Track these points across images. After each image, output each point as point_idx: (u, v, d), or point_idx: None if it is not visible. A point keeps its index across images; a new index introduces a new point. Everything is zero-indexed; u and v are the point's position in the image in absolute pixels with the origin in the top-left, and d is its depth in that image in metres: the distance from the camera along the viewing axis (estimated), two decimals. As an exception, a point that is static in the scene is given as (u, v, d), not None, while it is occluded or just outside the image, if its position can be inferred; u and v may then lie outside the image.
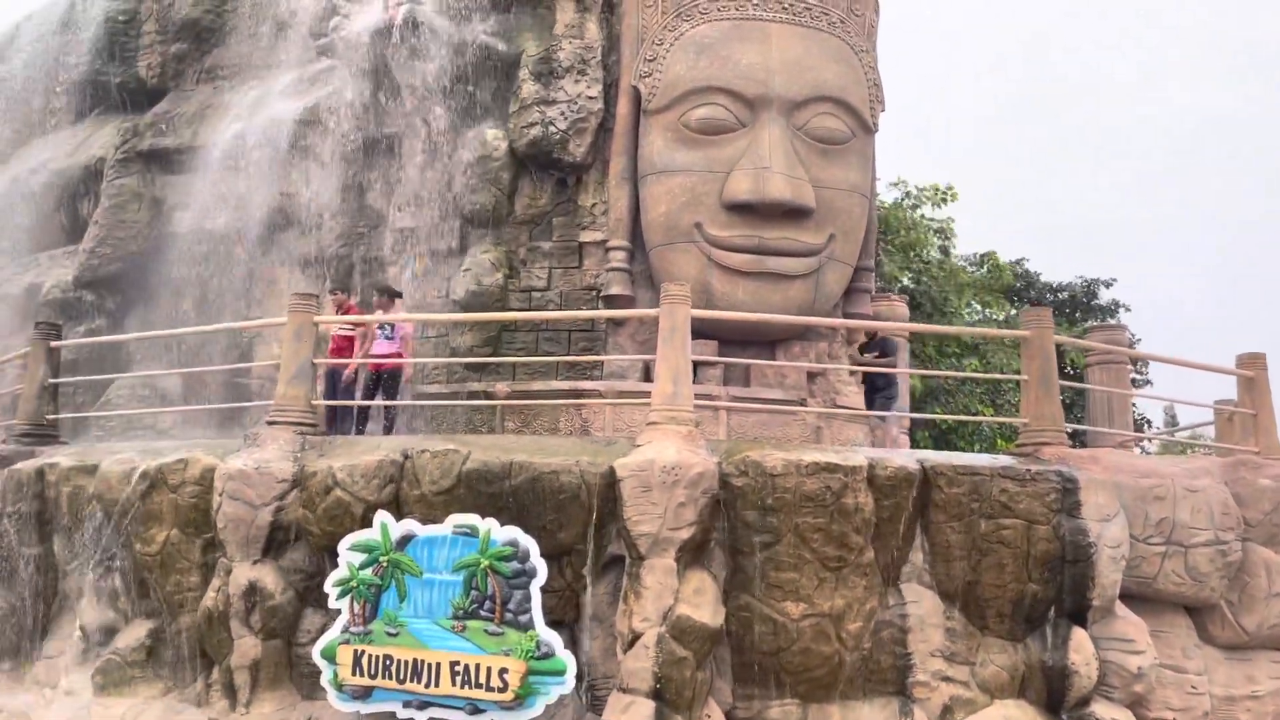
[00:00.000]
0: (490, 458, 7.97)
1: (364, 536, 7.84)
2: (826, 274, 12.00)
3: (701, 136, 11.79)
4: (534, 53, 12.72)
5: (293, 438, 8.55)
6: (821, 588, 7.77)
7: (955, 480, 8.07)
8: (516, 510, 7.82)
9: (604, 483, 7.80)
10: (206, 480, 8.35)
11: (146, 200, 14.98)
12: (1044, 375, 8.88)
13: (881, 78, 12.59)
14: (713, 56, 11.78)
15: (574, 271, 12.76)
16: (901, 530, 8.07)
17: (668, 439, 7.92)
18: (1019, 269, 26.75)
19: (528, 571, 7.61)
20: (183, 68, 15.52)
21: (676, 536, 7.56)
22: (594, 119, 12.53)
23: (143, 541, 8.53)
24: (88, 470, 9.04)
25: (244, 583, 8.02)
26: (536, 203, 12.90)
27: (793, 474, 7.69)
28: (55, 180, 15.90)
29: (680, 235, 11.84)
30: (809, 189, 11.62)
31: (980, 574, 8.17)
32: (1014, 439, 9.49)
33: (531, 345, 12.55)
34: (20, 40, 17.68)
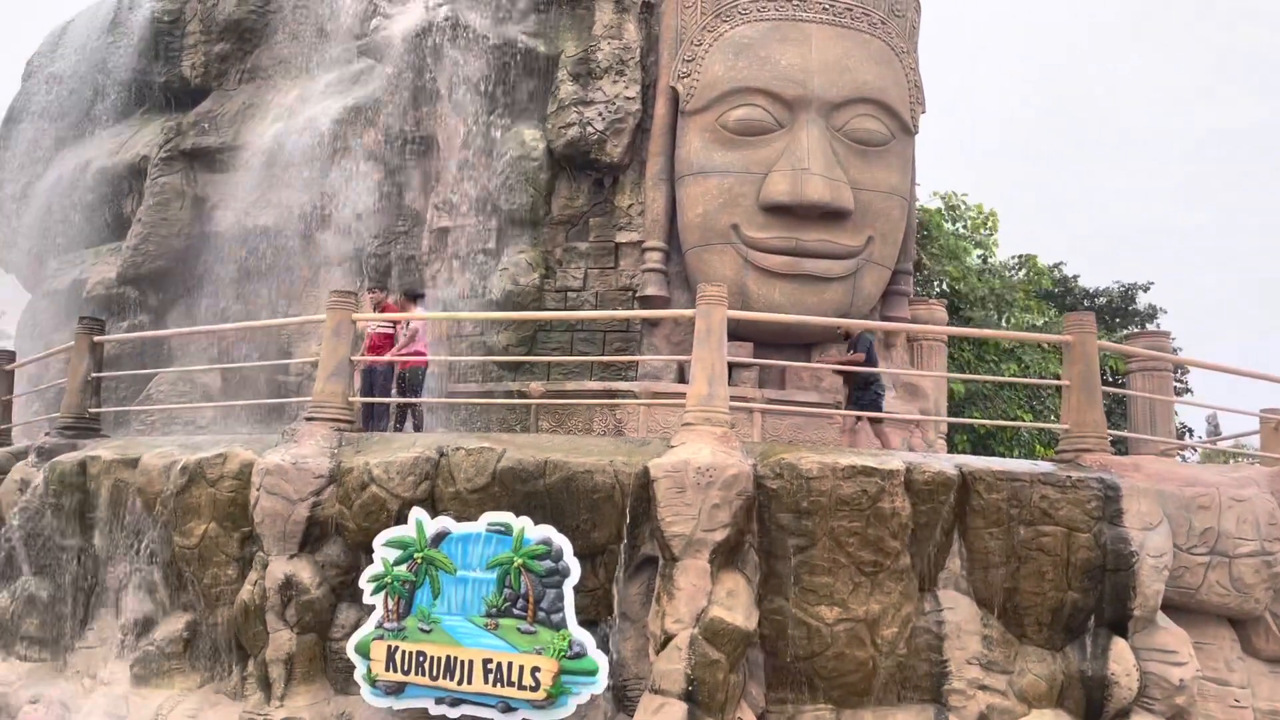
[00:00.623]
0: (525, 456, 7.97)
1: (399, 533, 7.87)
2: (864, 277, 11.91)
3: (739, 137, 11.75)
4: (572, 53, 12.75)
5: (330, 434, 8.60)
6: (857, 592, 7.69)
7: (994, 486, 7.96)
8: (550, 509, 7.81)
9: (638, 483, 7.77)
10: (245, 475, 8.42)
11: (189, 198, 15.19)
12: (1086, 380, 8.74)
13: (922, 79, 12.48)
14: (752, 57, 11.73)
15: (610, 272, 12.76)
16: (939, 536, 7.97)
17: (702, 440, 7.87)
18: (1057, 274, 26.48)
19: (561, 571, 7.60)
20: (226, 67, 15.72)
21: (710, 538, 7.52)
22: (632, 120, 12.54)
23: (181, 534, 8.62)
24: (129, 463, 9.15)
25: (280, 577, 8.08)
26: (573, 203, 12.93)
27: (828, 477, 7.62)
28: (100, 178, 16.17)
29: (717, 236, 11.81)
30: (847, 191, 11.54)
31: (1019, 581, 8.05)
32: (1054, 445, 9.34)
33: (566, 345, 12.57)
34: (68, 41, 18.00)
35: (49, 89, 17.99)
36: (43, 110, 18.03)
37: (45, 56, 18.51)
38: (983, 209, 23.02)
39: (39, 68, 18.55)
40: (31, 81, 18.65)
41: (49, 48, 18.52)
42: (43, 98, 18.13)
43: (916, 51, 12.62)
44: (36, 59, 18.78)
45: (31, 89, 18.54)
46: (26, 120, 18.34)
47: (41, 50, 18.77)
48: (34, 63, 18.82)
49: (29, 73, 18.87)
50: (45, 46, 18.69)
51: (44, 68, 18.34)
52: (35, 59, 18.82)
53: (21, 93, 18.88)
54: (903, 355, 13.37)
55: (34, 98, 18.32)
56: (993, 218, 23.03)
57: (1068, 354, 8.95)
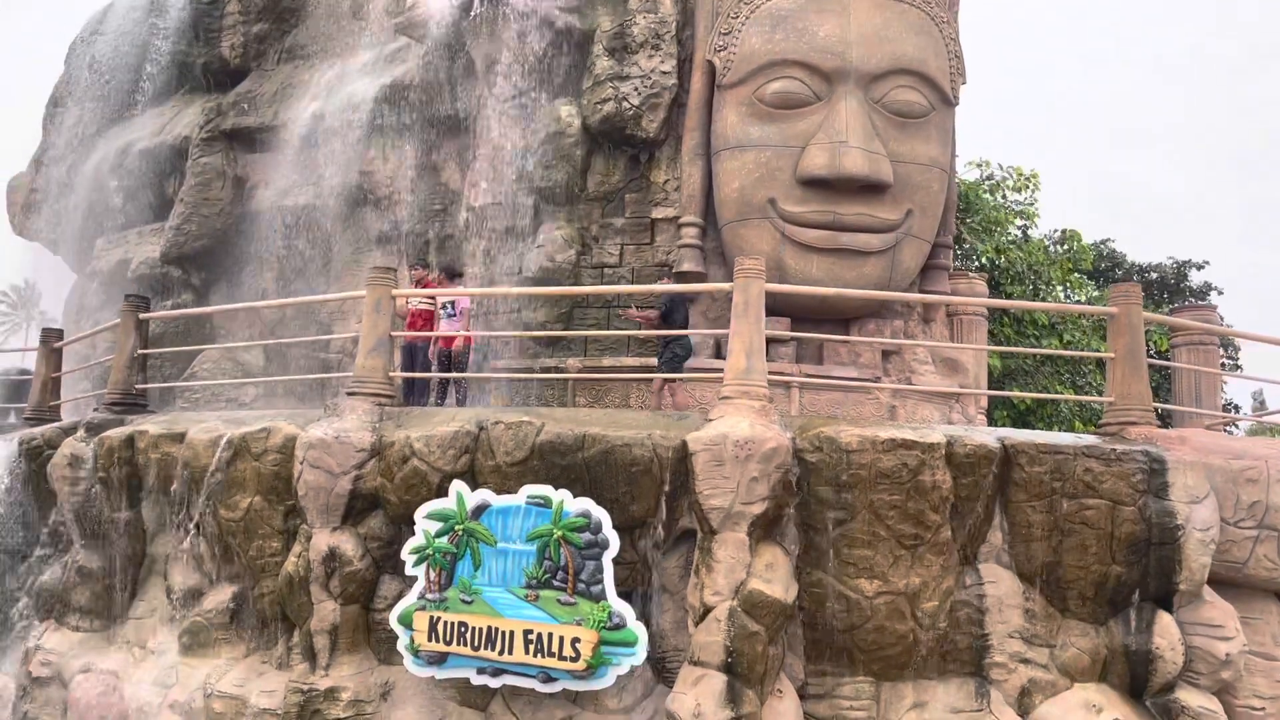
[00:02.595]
0: (563, 430, 8.00)
1: (440, 505, 7.95)
2: (903, 250, 11.78)
3: (776, 111, 11.63)
4: (608, 28, 12.68)
5: (371, 408, 8.69)
6: (897, 565, 7.67)
7: (1037, 459, 7.88)
8: (589, 482, 7.85)
9: (676, 456, 7.79)
10: (288, 449, 8.54)
11: (229, 178, 15.36)
12: (1131, 352, 8.61)
13: (963, 49, 12.28)
14: (789, 29, 11.60)
15: (646, 248, 12.73)
16: (980, 509, 7.91)
17: (741, 414, 7.86)
18: (1104, 249, 25.94)
19: (600, 543, 7.65)
20: (264, 48, 15.83)
21: (749, 511, 7.52)
22: (668, 94, 12.46)
23: (227, 507, 8.77)
24: (175, 438, 9.31)
25: (324, 549, 8.19)
26: (609, 179, 12.89)
27: (868, 450, 7.59)
28: (143, 160, 16.38)
29: (754, 211, 11.73)
30: (886, 164, 11.40)
31: (1062, 555, 7.98)
32: (1095, 422, 9.22)
33: (603, 321, 12.57)
34: (109, 23, 18.20)
35: (91, 72, 18.23)
36: (85, 93, 18.29)
37: (87, 39, 18.75)
38: (1022, 171, 22.23)
39: (81, 51, 18.80)
40: (74, 65, 18.92)
41: (90, 31, 18.75)
42: (85, 81, 18.38)
43: (957, 21, 12.40)
44: (78, 42, 19.03)
45: (74, 72, 18.81)
46: (70, 104, 18.62)
47: (83, 33, 19.01)
48: (76, 46, 19.08)
49: (71, 56, 19.14)
50: (86, 30, 18.93)
51: (86, 51, 18.58)
52: (77, 42, 19.07)
53: (64, 76, 19.16)
54: (942, 330, 13.22)
55: (77, 81, 18.59)
56: (1034, 179, 22.21)
57: (1112, 326, 8.82)
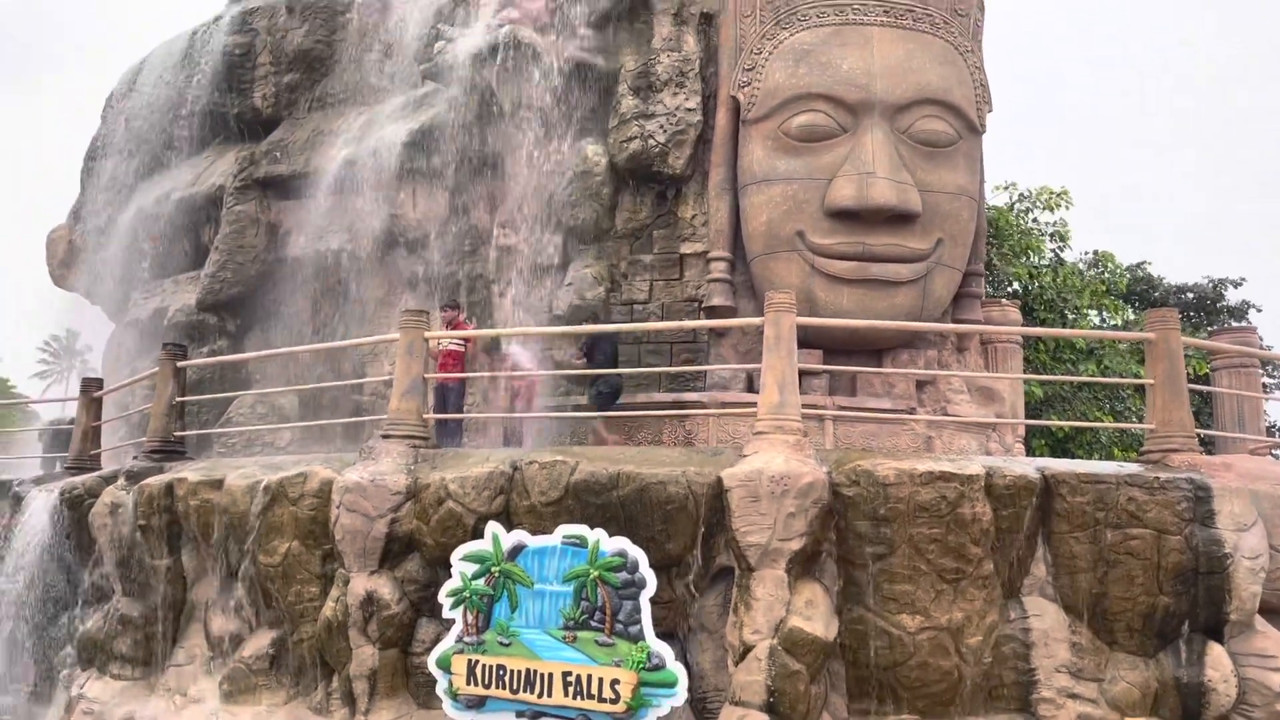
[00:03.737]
0: (597, 468, 7.99)
1: (476, 547, 7.95)
2: (934, 280, 11.73)
3: (802, 144, 11.67)
4: (632, 67, 12.82)
5: (406, 450, 8.72)
6: (939, 600, 7.55)
7: (1079, 489, 7.76)
8: (624, 521, 7.82)
9: (711, 493, 7.75)
10: (325, 493, 8.58)
11: (263, 225, 15.59)
12: (1171, 378, 8.48)
13: (988, 78, 12.27)
14: (812, 63, 11.66)
15: (675, 283, 12.77)
16: (1022, 541, 7.79)
17: (775, 448, 7.81)
18: (1139, 272, 25.61)
19: (637, 582, 7.60)
20: (295, 96, 16.11)
21: (786, 547, 7.45)
22: (693, 131, 12.55)
23: (265, 553, 8.81)
24: (214, 485, 9.39)
25: (361, 593, 8.20)
26: (637, 216, 12.97)
27: (906, 483, 7.51)
28: (178, 209, 16.66)
29: (782, 244, 11.74)
30: (914, 193, 11.39)
31: (1107, 586, 7.83)
32: (1134, 448, 9.08)
33: (634, 358, 12.59)
34: (145, 76, 18.61)
35: (127, 125, 18.64)
36: (122, 146, 18.68)
37: (123, 93, 19.17)
38: (1051, 189, 21.93)
39: (117, 105, 19.22)
40: (110, 119, 19.34)
41: (126, 85, 19.17)
42: (122, 133, 18.78)
43: (981, 50, 12.42)
44: (115, 97, 19.46)
45: (111, 125, 19.22)
46: (108, 156, 19.01)
47: (119, 87, 19.44)
48: (112, 101, 19.50)
49: (108, 111, 19.57)
50: (123, 84, 19.36)
51: (122, 105, 19.00)
52: (114, 97, 19.51)
53: (101, 130, 19.58)
54: (977, 358, 13.10)
55: (114, 133, 18.98)
56: (1064, 196, 21.90)
57: (1150, 352, 8.70)
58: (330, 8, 15.87)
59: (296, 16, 15.96)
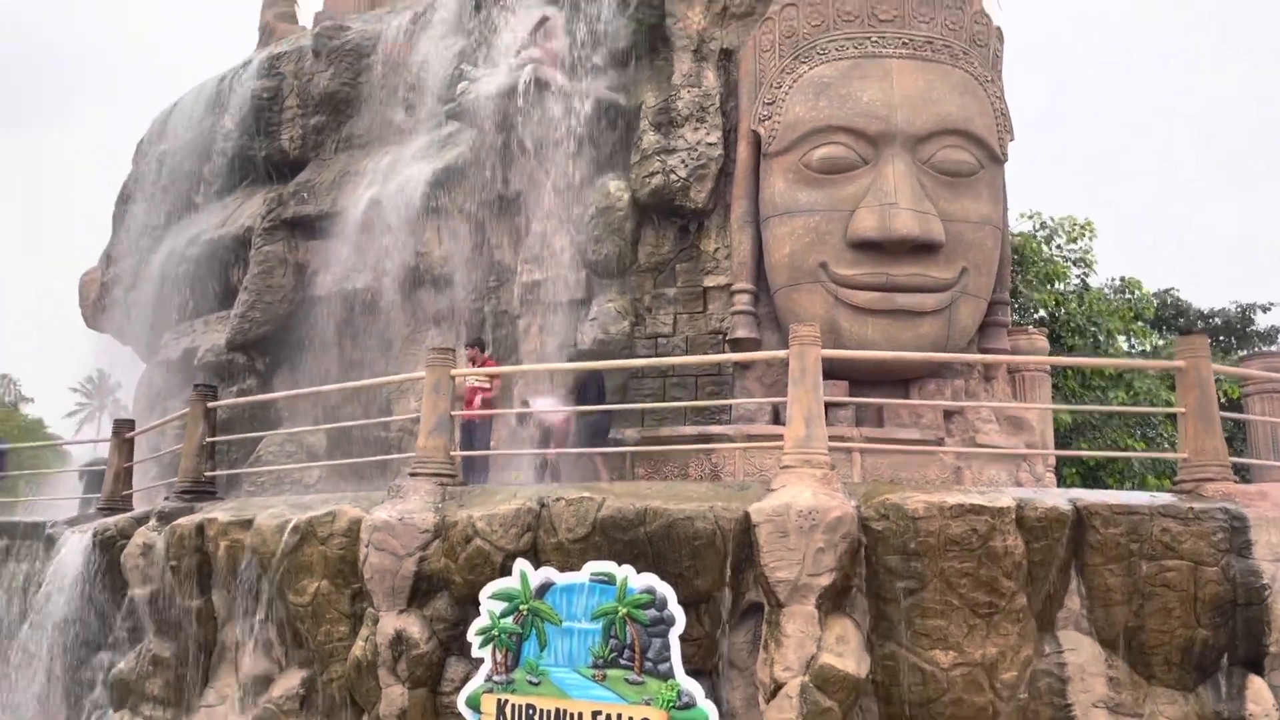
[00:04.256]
0: (624, 504, 7.97)
1: (504, 585, 7.95)
2: (960, 309, 11.69)
3: (824, 176, 11.71)
4: (653, 104, 12.93)
5: (434, 488, 8.75)
6: (972, 635, 7.46)
7: (1112, 520, 7.66)
8: (652, 557, 7.79)
9: (739, 528, 7.71)
10: (353, 532, 8.61)
11: (291, 265, 15.80)
12: (1203, 407, 8.38)
13: (1009, 107, 12.29)
14: (832, 96, 11.72)
15: (699, 316, 12.80)
16: (1055, 574, 7.69)
17: (803, 483, 7.78)
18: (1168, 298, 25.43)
19: (666, 619, 7.56)
20: (322, 138, 16.39)
21: (816, 583, 7.39)
22: (714, 165, 12.62)
23: (295, 592, 8.84)
24: (244, 525, 9.44)
25: (391, 632, 8.20)
26: (660, 250, 13.03)
27: (936, 517, 7.44)
28: (208, 250, 16.94)
29: (805, 276, 11.74)
30: (937, 223, 11.38)
31: (1144, 619, 7.70)
32: (1167, 476, 8.97)
33: (659, 391, 12.60)
34: (174, 122, 19.01)
35: (158, 168, 19.00)
36: (152, 190, 19.06)
37: (153, 138, 19.58)
38: (1075, 220, 22.06)
39: (148, 150, 19.62)
40: (141, 163, 19.74)
41: (156, 130, 19.58)
42: (152, 177, 19.17)
43: (1001, 79, 12.44)
44: (145, 142, 19.87)
45: (142, 169, 19.62)
46: (138, 199, 19.39)
47: (150, 132, 19.86)
48: (143, 145, 19.92)
49: (139, 154, 19.98)
50: (153, 129, 19.77)
51: (152, 149, 19.39)
52: (144, 142, 19.92)
53: (132, 174, 19.99)
54: (1005, 387, 13.01)
55: (144, 178, 19.38)
56: (1089, 228, 22.01)
57: (1181, 380, 8.61)
58: (356, 50, 16.16)
59: (322, 60, 16.27)
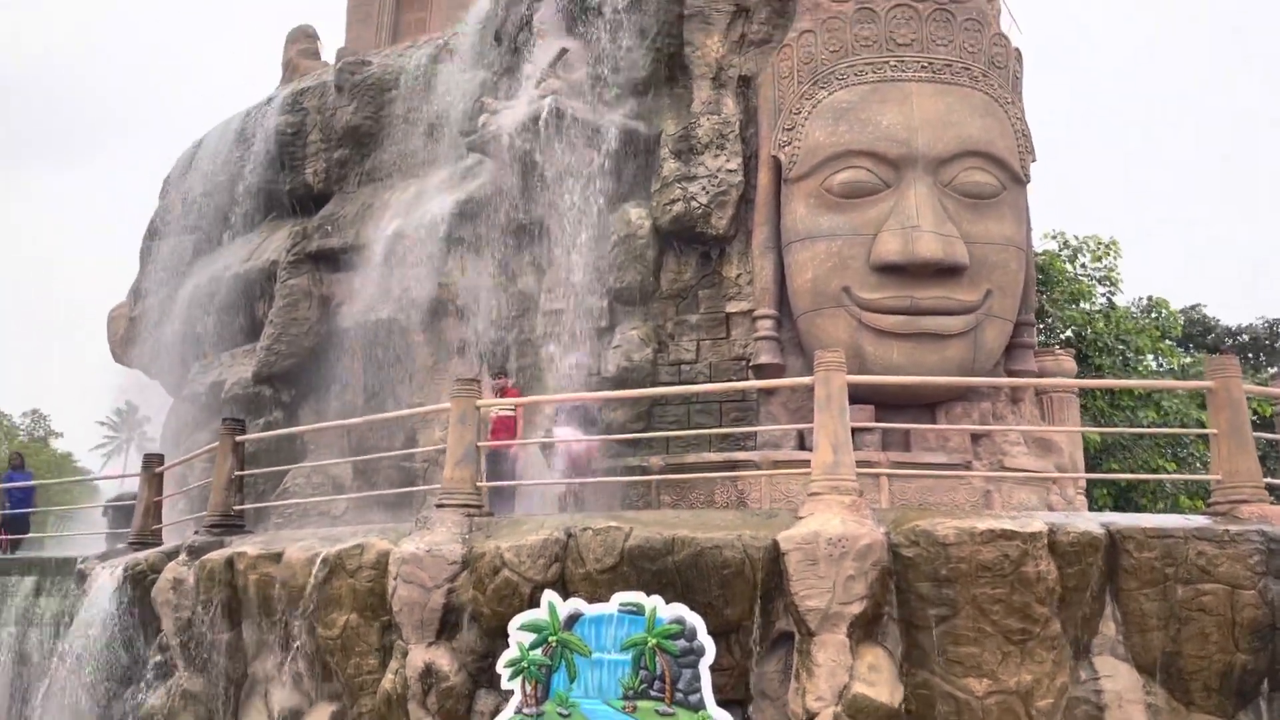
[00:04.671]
0: (652, 534, 7.95)
1: (533, 616, 7.93)
2: (985, 331, 11.62)
3: (845, 200, 11.71)
4: (673, 131, 12.99)
5: (461, 520, 8.76)
6: (1006, 662, 7.37)
7: (1145, 544, 7.57)
8: (681, 587, 7.76)
9: (768, 557, 7.67)
10: (381, 565, 8.63)
11: (316, 298, 15.94)
12: (1235, 427, 8.29)
13: (1029, 127, 12.27)
14: (852, 120, 11.74)
15: (722, 342, 12.78)
16: (1089, 599, 7.60)
17: (831, 510, 7.74)
18: (1194, 315, 25.20)
19: (695, 650, 7.53)
20: (345, 172, 16.57)
21: (847, 611, 7.34)
22: (735, 191, 12.65)
23: (324, 625, 8.85)
24: (273, 558, 9.48)
25: (420, 665, 8.20)
26: (682, 277, 13.05)
27: (967, 543, 7.38)
28: (234, 284, 17.12)
29: (828, 300, 11.72)
30: (961, 245, 11.35)
31: (1181, 644, 7.59)
32: (1201, 495, 8.85)
33: (683, 418, 12.57)
34: (200, 158, 19.28)
35: (184, 204, 19.26)
36: (179, 225, 19.32)
37: (180, 174, 19.86)
38: (1100, 239, 21.93)
39: (174, 186, 19.90)
40: (168, 199, 20.01)
41: (183, 166, 19.86)
42: (179, 213, 19.43)
43: (1021, 100, 12.42)
44: (172, 178, 20.15)
45: (168, 205, 19.89)
46: (165, 235, 19.64)
47: (176, 169, 20.14)
48: (169, 181, 20.20)
49: (166, 190, 20.25)
50: (179, 166, 20.06)
51: (179, 185, 19.67)
52: (170, 178, 20.20)
53: (159, 210, 20.26)
54: (1032, 409, 12.89)
55: (171, 214, 19.64)
56: (1114, 247, 21.86)
57: (1212, 401, 8.53)
58: (378, 85, 16.36)
59: (345, 95, 16.47)
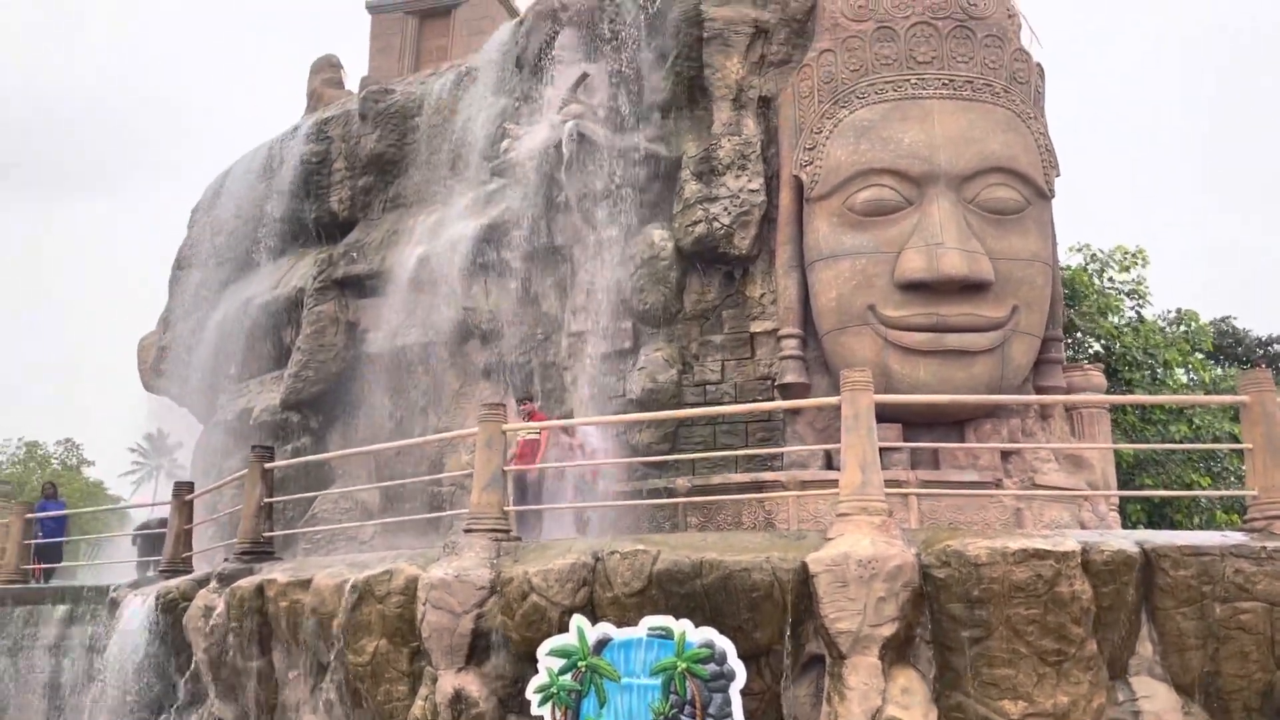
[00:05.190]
0: (680, 557, 7.91)
1: (562, 641, 7.90)
2: (1013, 347, 11.55)
3: (868, 218, 11.70)
4: (694, 153, 13.04)
5: (489, 544, 8.75)
6: (1041, 684, 7.25)
7: (1181, 562, 7.44)
8: (710, 610, 7.71)
9: (797, 579, 7.60)
10: (410, 590, 8.62)
11: (342, 324, 16.07)
12: (1270, 442, 8.15)
13: (1053, 142, 12.21)
14: (874, 139, 11.74)
15: (747, 362, 12.76)
16: (1125, 619, 7.48)
17: (861, 530, 7.66)
18: (1225, 326, 24.88)
19: (726, 674, 7.46)
20: (370, 199, 16.72)
21: (878, 633, 7.26)
22: (757, 211, 12.66)
23: (354, 652, 8.86)
24: (302, 585, 9.51)
25: (449, 691, 8.18)
26: (705, 297, 13.05)
27: (999, 563, 7.28)
28: (262, 312, 17.28)
29: (853, 319, 11.69)
30: (985, 261, 11.30)
31: (1219, 664, 7.45)
32: (1237, 510, 8.71)
33: (709, 439, 12.55)
34: (227, 189, 19.52)
35: (212, 234, 19.49)
36: (207, 255, 19.54)
37: (207, 204, 20.10)
38: (1126, 249, 21.60)
39: (202, 216, 20.15)
40: (196, 229, 20.26)
41: (210, 196, 20.11)
42: (207, 242, 19.65)
43: (1044, 115, 12.37)
44: (199, 208, 20.41)
45: (196, 236, 20.13)
46: (193, 265, 19.87)
47: (204, 199, 20.40)
48: (197, 211, 20.46)
49: (194, 220, 20.51)
50: (207, 196, 20.32)
51: (206, 215, 19.91)
52: (198, 208, 20.46)
53: (187, 240, 20.51)
54: (1062, 425, 12.77)
55: (199, 244, 19.88)
56: (1141, 255, 21.54)
57: (1246, 415, 8.39)
58: (401, 112, 16.52)
59: (369, 123, 16.64)
